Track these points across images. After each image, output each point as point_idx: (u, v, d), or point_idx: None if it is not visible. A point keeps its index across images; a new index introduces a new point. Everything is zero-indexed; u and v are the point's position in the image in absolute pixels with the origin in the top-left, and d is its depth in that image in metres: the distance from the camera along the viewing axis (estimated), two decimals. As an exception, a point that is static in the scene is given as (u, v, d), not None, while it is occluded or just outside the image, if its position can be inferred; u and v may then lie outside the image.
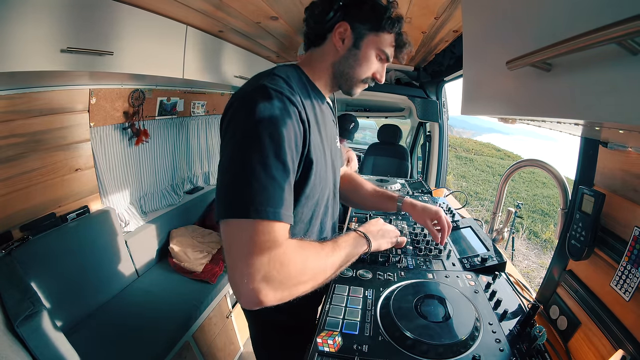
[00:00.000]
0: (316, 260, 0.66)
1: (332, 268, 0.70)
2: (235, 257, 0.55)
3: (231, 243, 0.56)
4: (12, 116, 1.20)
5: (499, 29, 0.63)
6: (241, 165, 0.57)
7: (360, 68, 0.80)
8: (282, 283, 0.57)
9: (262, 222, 0.56)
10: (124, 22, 1.13)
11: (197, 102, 2.30)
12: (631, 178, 0.70)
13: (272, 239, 0.56)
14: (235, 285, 0.56)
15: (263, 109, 0.60)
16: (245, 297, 0.55)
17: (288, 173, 0.61)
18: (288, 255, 0.58)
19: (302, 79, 0.79)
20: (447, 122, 2.54)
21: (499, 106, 0.67)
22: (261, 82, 0.65)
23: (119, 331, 1.40)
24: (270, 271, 0.55)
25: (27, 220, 1.33)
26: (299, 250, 0.61)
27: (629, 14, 0.27)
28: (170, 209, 2.16)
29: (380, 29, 0.77)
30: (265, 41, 1.84)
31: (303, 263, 0.62)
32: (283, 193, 0.59)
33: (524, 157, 1.51)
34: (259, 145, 0.58)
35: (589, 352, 0.72)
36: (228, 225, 0.57)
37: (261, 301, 0.55)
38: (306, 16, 0.82)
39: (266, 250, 0.55)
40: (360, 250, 0.81)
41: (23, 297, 0.98)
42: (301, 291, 0.62)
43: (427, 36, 1.59)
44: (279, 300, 0.58)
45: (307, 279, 0.63)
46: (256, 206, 0.55)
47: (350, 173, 1.27)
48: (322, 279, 0.67)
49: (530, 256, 5.16)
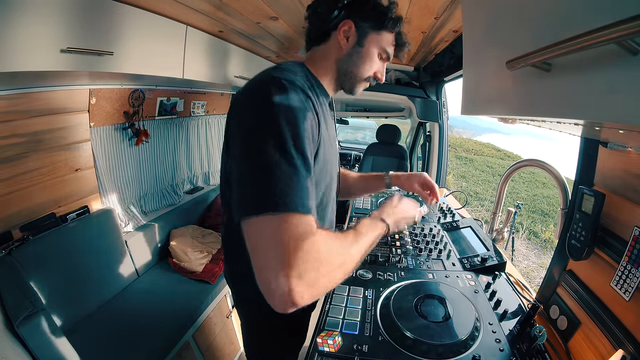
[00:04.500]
0: (344, 249, 0.63)
1: (358, 255, 0.66)
2: (266, 256, 0.51)
3: (259, 242, 0.52)
4: (12, 116, 1.20)
5: (499, 29, 0.63)
6: (262, 158, 0.54)
7: (364, 66, 0.81)
8: (317, 279, 0.52)
9: (292, 215, 0.51)
10: (124, 22, 1.12)
11: (197, 102, 2.30)
12: (631, 178, 0.70)
13: (304, 231, 0.52)
14: (267, 287, 0.51)
15: (279, 99, 0.58)
16: (280, 298, 0.50)
17: (309, 164, 0.58)
18: (321, 248, 0.54)
19: (308, 75, 0.79)
20: (447, 122, 2.54)
21: (499, 106, 0.67)
22: (271, 75, 0.64)
23: (118, 331, 1.40)
24: (306, 267, 0.50)
25: (27, 220, 1.32)
26: (328, 242, 0.57)
27: (629, 14, 0.27)
28: (170, 209, 2.16)
29: (383, 27, 0.79)
30: (265, 41, 1.84)
31: (334, 255, 0.58)
32: (307, 184, 0.56)
33: (524, 157, 1.51)
34: (279, 136, 0.55)
35: (589, 352, 0.72)
36: (253, 223, 0.52)
37: (296, 302, 0.50)
38: (309, 14, 0.82)
39: (299, 245, 0.50)
40: (379, 232, 0.77)
41: (23, 297, 0.98)
42: (332, 285, 0.59)
43: (427, 36, 1.59)
44: (313, 297, 0.53)
45: (339, 270, 0.59)
46: (283, 199, 0.51)
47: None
48: (350, 268, 0.63)
49: (530, 256, 5.16)
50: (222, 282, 1.84)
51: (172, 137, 2.19)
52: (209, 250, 1.96)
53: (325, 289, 0.56)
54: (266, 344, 0.94)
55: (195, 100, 2.27)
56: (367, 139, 5.70)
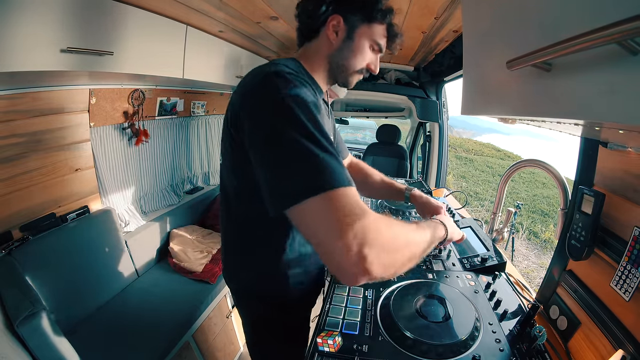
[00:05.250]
0: (406, 230, 0.62)
1: (422, 243, 0.65)
2: (326, 235, 0.50)
3: (314, 224, 0.51)
4: (12, 116, 1.20)
5: (499, 29, 0.63)
6: (289, 146, 0.54)
7: (355, 59, 0.81)
8: (383, 247, 0.51)
9: (340, 190, 0.51)
10: (124, 22, 1.12)
11: (197, 102, 2.30)
12: (631, 178, 0.70)
13: (356, 203, 0.51)
14: (337, 265, 0.50)
15: (288, 90, 0.58)
16: (350, 270, 0.49)
17: (332, 143, 0.57)
18: (376, 218, 0.53)
19: (302, 70, 0.79)
20: (447, 122, 2.54)
21: (499, 106, 0.67)
22: (270, 69, 0.64)
23: (119, 331, 1.40)
24: (368, 234, 0.49)
25: (27, 220, 1.32)
26: (384, 217, 0.56)
27: (629, 14, 0.27)
28: (170, 209, 2.16)
29: (372, 19, 0.79)
30: (265, 41, 1.84)
31: (394, 229, 0.56)
32: (339, 160, 0.55)
33: (524, 157, 1.51)
34: (299, 123, 0.55)
35: (589, 352, 0.72)
36: (302, 209, 0.51)
37: (368, 269, 0.49)
38: (298, 12, 0.82)
39: (355, 215, 0.50)
40: (439, 234, 0.78)
41: (23, 297, 0.98)
42: (400, 261, 0.57)
43: (427, 36, 1.59)
44: (384, 268, 0.52)
45: (403, 246, 0.58)
46: (326, 177, 0.51)
47: (357, 161, 1.27)
48: (417, 250, 0.62)
49: (530, 256, 5.16)
50: (222, 282, 1.84)
51: (172, 137, 2.19)
52: (209, 250, 1.95)
53: (393, 261, 0.55)
54: (267, 340, 0.95)
55: (195, 100, 2.27)
56: (367, 139, 5.70)
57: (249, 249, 0.83)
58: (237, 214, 0.81)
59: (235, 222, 0.83)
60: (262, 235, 0.80)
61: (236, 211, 0.80)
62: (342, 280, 0.52)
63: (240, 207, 0.79)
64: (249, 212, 0.78)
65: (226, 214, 0.84)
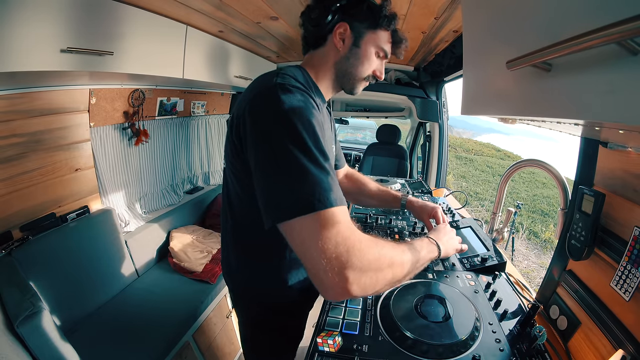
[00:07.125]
0: (392, 251, 0.63)
1: (409, 264, 0.67)
2: (312, 254, 0.53)
3: (303, 242, 0.54)
4: (12, 116, 1.20)
5: (498, 29, 0.63)
6: (286, 161, 0.55)
7: (362, 66, 0.82)
8: (364, 269, 0.54)
9: (329, 211, 0.53)
10: (124, 22, 1.12)
11: (197, 102, 2.30)
12: (631, 178, 0.70)
13: (343, 224, 0.54)
14: (320, 282, 0.53)
15: (289, 103, 0.59)
16: (333, 289, 0.53)
17: (329, 160, 0.59)
18: (362, 239, 0.56)
19: (308, 80, 0.79)
20: (447, 122, 2.54)
21: (499, 106, 0.67)
22: (275, 80, 0.64)
23: (119, 331, 1.40)
24: (351, 257, 0.52)
25: (27, 220, 1.33)
26: (371, 238, 0.59)
27: (629, 14, 0.27)
28: (170, 209, 2.16)
29: (378, 26, 0.79)
30: (265, 41, 1.84)
31: (379, 250, 0.59)
32: (334, 179, 0.57)
33: (524, 157, 1.51)
34: (298, 138, 0.56)
35: (589, 352, 0.72)
36: (293, 226, 0.54)
37: (348, 289, 0.52)
38: (303, 20, 0.82)
39: (341, 237, 0.53)
40: (431, 256, 0.79)
41: (23, 297, 0.98)
42: (382, 282, 0.59)
43: (427, 36, 1.59)
44: (364, 288, 0.55)
45: (386, 267, 0.60)
46: (317, 197, 0.53)
47: (353, 171, 1.28)
48: (400, 272, 0.64)
49: (530, 256, 5.16)
50: (222, 282, 1.84)
51: (172, 137, 2.19)
52: (209, 250, 1.96)
53: (374, 282, 0.57)
54: (262, 343, 0.95)
55: (195, 100, 2.27)
56: (367, 139, 5.70)
57: (249, 250, 0.84)
58: (238, 215, 0.81)
59: (236, 223, 0.83)
60: (262, 237, 0.80)
61: (237, 213, 0.81)
62: (325, 297, 0.55)
63: (242, 210, 0.79)
64: (250, 215, 0.78)
65: (227, 214, 0.84)
